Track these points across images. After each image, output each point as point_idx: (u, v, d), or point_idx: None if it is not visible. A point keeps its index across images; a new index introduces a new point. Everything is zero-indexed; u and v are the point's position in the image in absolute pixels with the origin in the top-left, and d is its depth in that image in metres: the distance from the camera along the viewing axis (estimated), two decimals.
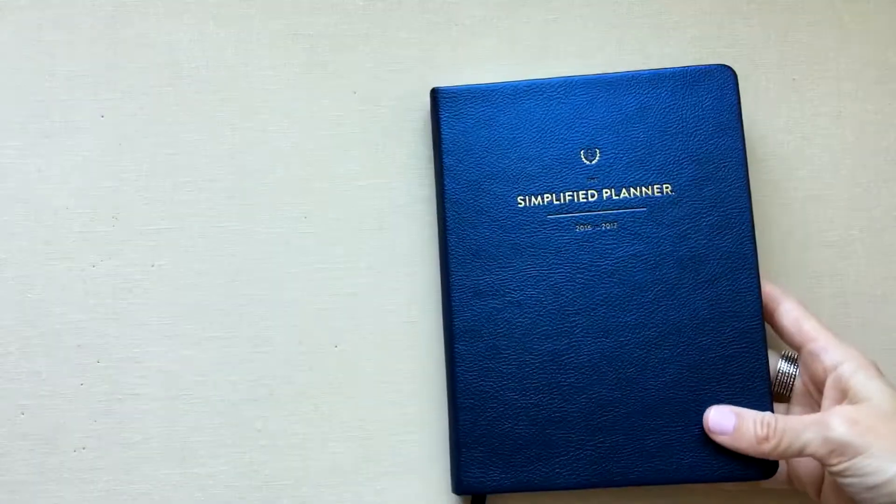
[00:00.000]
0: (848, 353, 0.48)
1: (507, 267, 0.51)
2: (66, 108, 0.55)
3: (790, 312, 0.50)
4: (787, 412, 0.51)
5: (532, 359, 0.51)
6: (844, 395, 0.47)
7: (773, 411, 0.49)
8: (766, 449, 0.47)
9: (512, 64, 0.56)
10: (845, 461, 0.45)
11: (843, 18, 0.57)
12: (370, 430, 0.53)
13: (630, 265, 0.51)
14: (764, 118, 0.56)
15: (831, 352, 0.48)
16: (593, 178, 0.52)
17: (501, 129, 0.52)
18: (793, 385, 0.51)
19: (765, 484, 0.51)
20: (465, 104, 0.53)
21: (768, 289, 0.51)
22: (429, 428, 0.54)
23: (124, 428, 0.53)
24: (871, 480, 0.44)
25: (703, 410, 0.50)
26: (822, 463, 0.46)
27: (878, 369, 0.48)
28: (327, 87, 0.56)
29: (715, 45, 0.56)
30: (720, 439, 0.49)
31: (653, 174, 0.52)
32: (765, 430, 0.47)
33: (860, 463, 0.44)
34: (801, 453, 0.46)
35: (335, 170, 0.55)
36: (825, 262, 0.55)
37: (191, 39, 0.56)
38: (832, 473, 0.46)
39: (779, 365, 0.51)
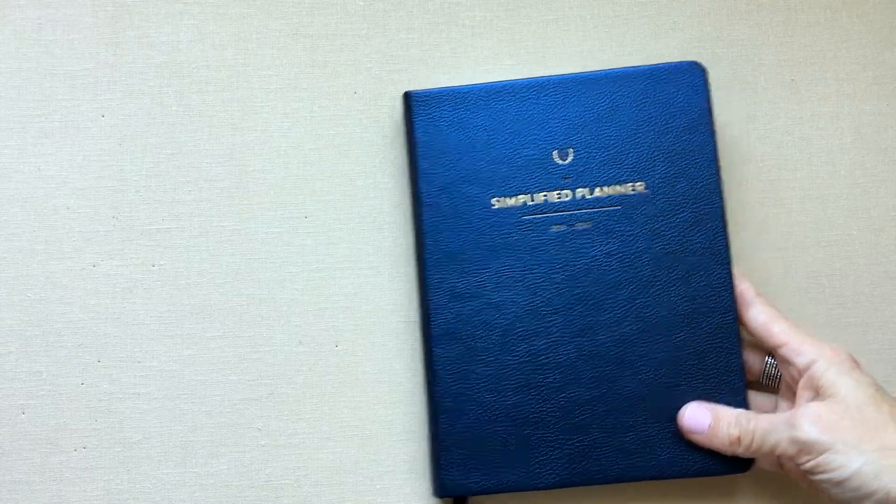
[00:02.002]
0: (819, 350, 0.48)
1: (484, 269, 0.51)
2: (66, 108, 0.55)
3: (758, 317, 0.50)
4: (776, 404, 0.51)
5: (510, 359, 0.51)
6: (817, 393, 0.48)
7: (748, 405, 0.50)
8: (738, 450, 0.48)
9: (512, 64, 0.56)
10: (813, 459, 0.46)
11: (842, 19, 0.57)
12: (370, 429, 0.54)
13: (605, 263, 0.51)
14: (763, 118, 0.56)
15: (803, 353, 0.48)
16: (567, 178, 0.52)
17: (475, 131, 0.52)
18: (780, 377, 0.51)
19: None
20: (438, 107, 0.53)
21: (741, 289, 0.51)
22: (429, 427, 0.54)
23: (124, 427, 0.53)
24: (837, 475, 0.45)
25: (680, 406, 0.50)
26: (793, 461, 0.47)
27: (852, 362, 0.48)
28: (327, 87, 0.56)
29: (714, 46, 0.57)
30: (694, 438, 0.49)
31: (626, 172, 0.52)
32: (737, 431, 0.48)
33: (826, 459, 0.45)
34: (772, 453, 0.47)
35: (335, 170, 0.55)
36: (824, 262, 0.55)
37: (191, 39, 0.56)
38: (804, 471, 0.47)
39: (766, 358, 0.51)
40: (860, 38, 0.57)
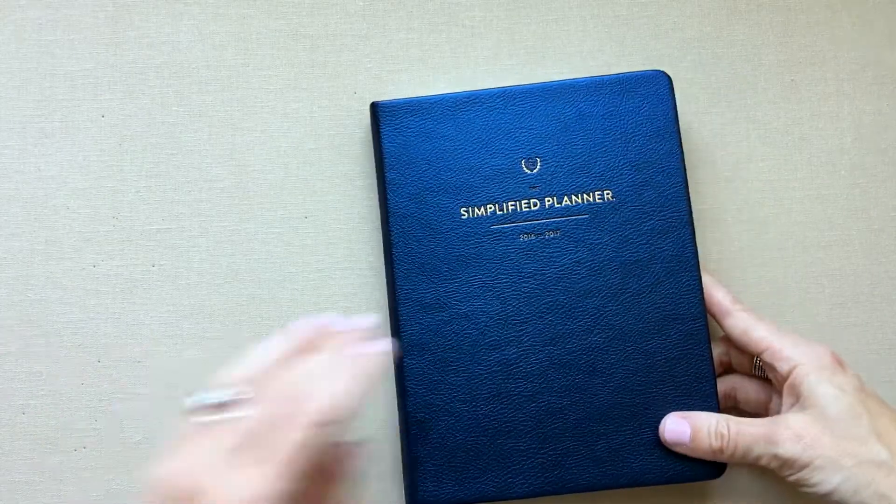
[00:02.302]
0: (801, 354, 0.48)
1: (453, 279, 0.51)
2: (66, 108, 0.55)
3: (737, 325, 0.50)
4: (771, 396, 0.51)
5: (481, 370, 0.51)
6: (798, 399, 0.48)
7: (719, 409, 0.50)
8: (722, 458, 0.48)
9: (512, 64, 0.56)
10: (795, 473, 0.46)
11: (842, 19, 0.57)
12: (370, 430, 0.53)
13: (574, 272, 0.51)
14: (763, 119, 0.56)
15: (783, 358, 0.48)
16: (535, 187, 0.52)
17: (442, 142, 0.52)
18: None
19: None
20: (406, 117, 0.53)
21: (717, 297, 0.51)
22: None
23: (124, 428, 0.53)
24: (819, 490, 0.46)
25: (652, 413, 0.50)
26: (777, 473, 0.47)
27: (834, 365, 0.48)
28: (327, 87, 0.56)
29: (714, 46, 0.57)
30: (679, 449, 0.50)
31: (593, 181, 0.52)
32: (719, 442, 0.48)
33: (807, 475, 0.46)
34: (756, 463, 0.48)
35: (335, 170, 0.55)
36: (824, 263, 0.55)
37: (191, 39, 0.56)
38: (789, 482, 0.47)
39: (755, 359, 0.51)
40: (860, 38, 0.57)
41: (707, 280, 0.51)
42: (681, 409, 0.50)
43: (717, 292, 0.51)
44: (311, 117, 0.55)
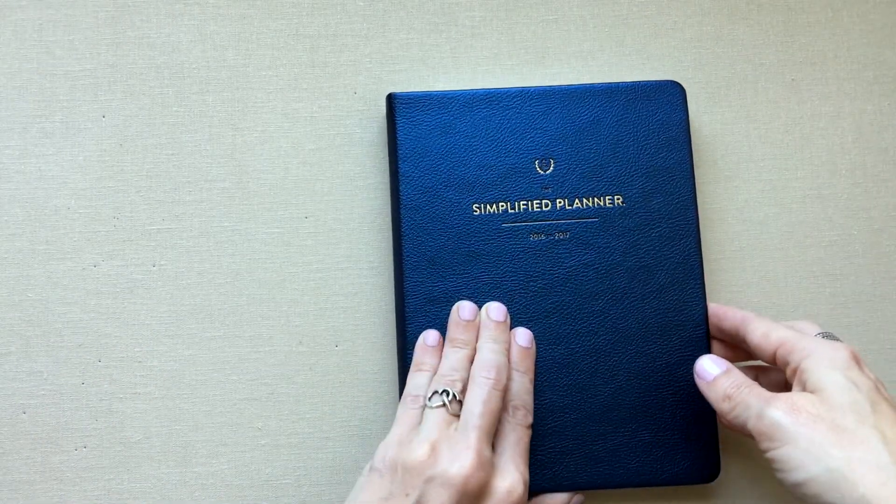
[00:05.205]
0: (815, 346, 0.45)
1: (462, 274, 0.52)
2: (66, 108, 0.55)
3: (757, 329, 0.48)
4: None
5: None
6: (804, 389, 0.44)
7: (715, 421, 0.50)
8: (725, 409, 0.46)
9: (512, 64, 0.56)
10: (774, 449, 0.42)
11: (842, 19, 0.57)
12: (370, 430, 0.54)
13: (582, 274, 0.52)
14: (763, 118, 0.56)
15: (798, 350, 0.45)
16: (547, 188, 0.52)
17: (458, 137, 0.53)
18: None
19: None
20: (422, 111, 0.53)
21: (733, 312, 0.50)
22: None
23: (125, 427, 0.53)
24: (794, 476, 0.41)
25: (650, 416, 0.51)
26: (759, 446, 0.44)
27: (851, 360, 0.44)
28: (327, 87, 0.56)
29: (714, 46, 0.57)
30: (698, 382, 0.48)
31: (605, 185, 0.52)
32: (733, 389, 0.45)
33: (788, 454, 0.42)
34: (744, 427, 0.44)
35: (335, 170, 0.55)
36: (825, 262, 0.55)
37: (191, 39, 0.56)
38: (767, 460, 0.43)
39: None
40: (860, 38, 0.57)
41: (717, 305, 0.51)
42: (679, 413, 0.51)
43: (729, 311, 0.50)
44: (311, 117, 0.55)
